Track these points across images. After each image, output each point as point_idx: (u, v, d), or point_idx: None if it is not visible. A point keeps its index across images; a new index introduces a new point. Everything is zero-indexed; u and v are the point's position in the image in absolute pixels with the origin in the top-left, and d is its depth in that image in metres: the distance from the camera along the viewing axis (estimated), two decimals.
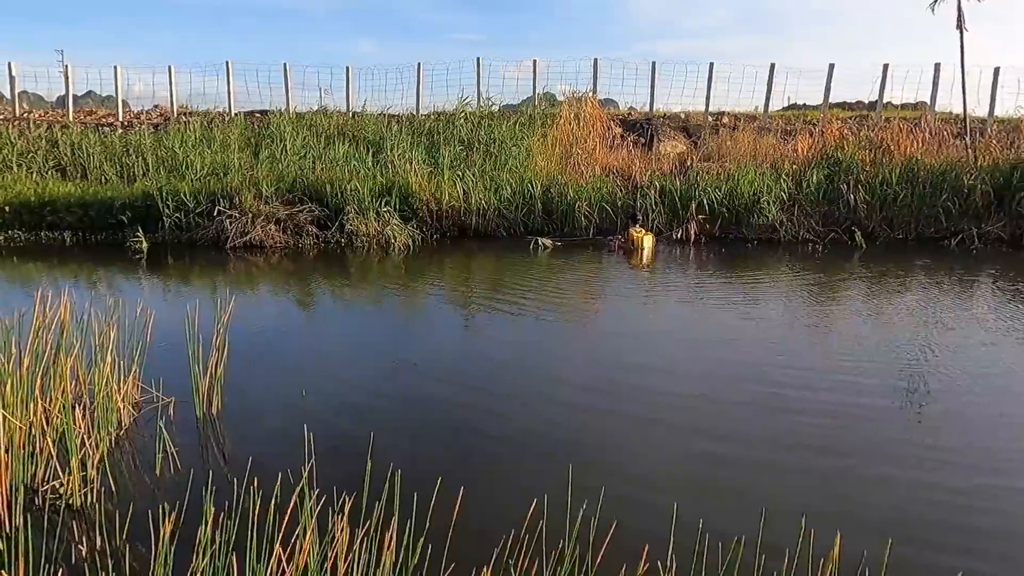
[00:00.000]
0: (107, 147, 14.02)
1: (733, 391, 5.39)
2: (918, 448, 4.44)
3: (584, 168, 13.42)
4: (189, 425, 4.69)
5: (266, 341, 6.67)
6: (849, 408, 5.02)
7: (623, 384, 5.58)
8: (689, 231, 11.64)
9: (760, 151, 13.71)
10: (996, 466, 4.20)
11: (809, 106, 19.56)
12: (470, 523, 2.99)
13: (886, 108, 17.12)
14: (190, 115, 17.55)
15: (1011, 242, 11.50)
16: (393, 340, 6.99)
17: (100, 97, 23.93)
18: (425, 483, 3.29)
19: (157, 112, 19.22)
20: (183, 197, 11.41)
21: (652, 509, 3.60)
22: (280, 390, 5.42)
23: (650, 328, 7.30)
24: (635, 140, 16.13)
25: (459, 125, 14.92)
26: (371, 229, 11.27)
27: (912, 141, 12.96)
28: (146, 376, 4.96)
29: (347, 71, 18.05)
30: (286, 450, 4.22)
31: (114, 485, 3.86)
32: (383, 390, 5.50)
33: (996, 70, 16.25)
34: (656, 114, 17.93)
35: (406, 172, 12.33)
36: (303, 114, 16.86)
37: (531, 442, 4.56)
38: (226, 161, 12.98)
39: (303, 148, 13.92)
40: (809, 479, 4.06)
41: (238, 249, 11.00)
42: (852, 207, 11.88)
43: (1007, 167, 12.12)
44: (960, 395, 5.30)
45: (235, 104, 18.17)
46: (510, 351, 6.51)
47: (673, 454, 4.38)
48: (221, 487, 3.81)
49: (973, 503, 3.78)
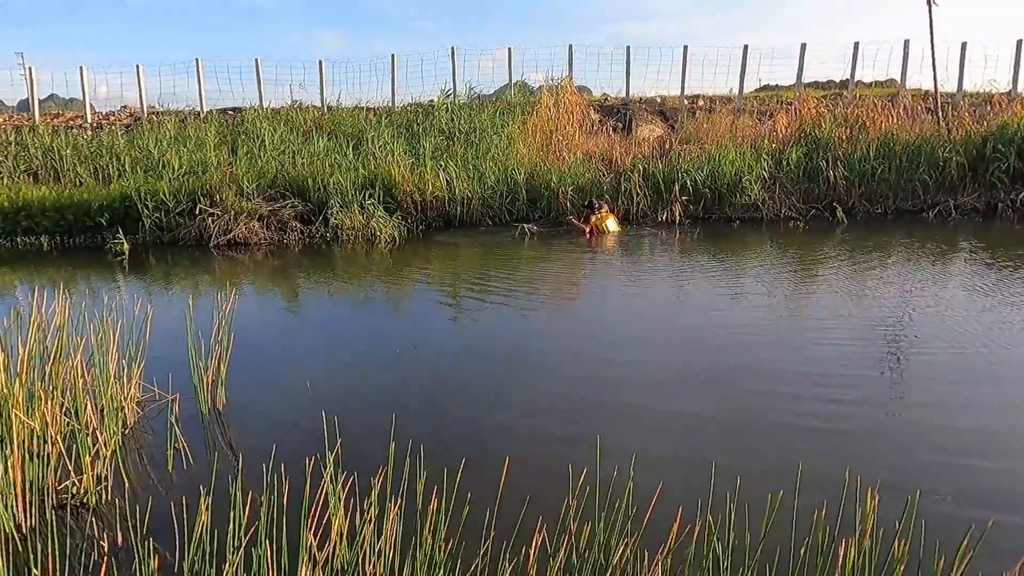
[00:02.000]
0: (79, 149, 13.71)
1: (735, 362, 5.47)
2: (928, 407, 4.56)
3: (565, 154, 13.45)
4: (195, 421, 4.65)
5: (262, 336, 6.62)
6: (854, 375, 5.13)
7: (631, 359, 5.62)
8: (674, 213, 11.74)
9: (738, 132, 13.85)
10: (989, 416, 4.33)
11: (782, 86, 19.78)
12: (509, 496, 3.00)
13: (858, 86, 17.38)
14: (161, 115, 17.22)
15: (985, 212, 11.79)
16: (387, 330, 6.96)
17: (64, 100, 23.35)
18: (449, 462, 3.31)
19: (126, 113, 18.82)
20: (162, 197, 11.22)
21: (687, 471, 3.66)
22: (283, 383, 5.39)
23: (645, 307, 7.36)
24: (613, 125, 16.17)
25: (439, 115, 14.85)
26: (356, 222, 11.19)
27: (887, 117, 13.19)
28: (147, 375, 4.89)
29: (320, 65, 17.84)
30: (298, 440, 4.21)
31: (128, 483, 3.82)
32: (387, 376, 5.49)
33: (963, 45, 16.57)
34: (632, 99, 18.00)
35: (388, 164, 12.25)
36: (278, 110, 16.64)
37: (547, 418, 4.59)
38: (204, 159, 12.77)
39: (281, 144, 13.74)
40: (813, 443, 4.14)
41: (222, 247, 10.86)
42: (831, 183, 12.07)
43: (979, 139, 12.40)
44: (946, 352, 5.44)
45: (207, 102, 17.87)
46: (508, 335, 6.53)
47: (697, 422, 4.44)
48: (242, 477, 3.79)
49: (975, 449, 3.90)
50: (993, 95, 14.90)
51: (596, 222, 11.01)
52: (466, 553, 2.78)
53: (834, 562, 2.31)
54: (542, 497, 3.12)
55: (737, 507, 2.53)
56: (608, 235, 10.96)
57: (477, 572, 2.74)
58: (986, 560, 2.66)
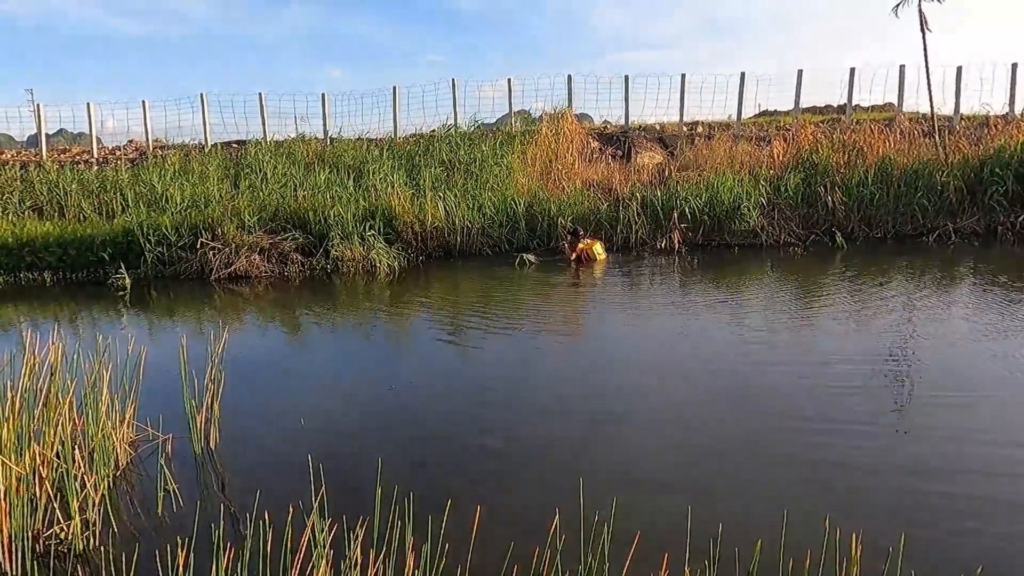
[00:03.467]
0: (84, 184, 13.90)
1: (734, 393, 5.43)
2: (922, 441, 4.51)
3: (565, 183, 13.54)
4: (188, 461, 4.62)
5: (259, 372, 6.62)
6: (847, 403, 5.08)
7: (621, 394, 5.59)
8: (673, 240, 11.76)
9: (736, 158, 13.93)
10: (991, 447, 4.28)
11: (780, 112, 19.93)
12: (489, 540, 2.98)
13: (855, 111, 17.49)
14: (166, 149, 17.46)
15: (985, 236, 11.77)
16: (386, 364, 6.96)
17: (72, 135, 23.75)
18: (436, 505, 3.28)
19: (132, 147, 19.08)
20: (164, 231, 11.32)
21: (667, 514, 3.61)
22: (278, 420, 5.37)
23: (643, 338, 7.34)
24: (612, 153, 16.31)
25: (439, 146, 15.00)
26: (356, 254, 11.24)
27: (884, 141, 13.26)
28: (141, 414, 4.89)
29: (323, 98, 18.10)
30: (290, 481, 4.18)
31: (117, 527, 3.80)
32: (382, 414, 5.47)
33: (959, 69, 16.68)
34: (632, 126, 18.14)
35: (388, 195, 12.34)
36: (281, 142, 16.84)
37: (537, 456, 4.56)
38: (206, 193, 12.92)
39: (283, 176, 13.89)
40: (815, 477, 4.09)
41: (223, 281, 10.91)
42: (830, 209, 12.09)
43: (976, 163, 12.43)
44: (948, 381, 5.39)
45: (211, 136, 18.10)
46: (504, 368, 6.51)
47: (679, 459, 4.40)
48: (227, 522, 3.77)
49: (969, 494, 3.83)
50: (989, 118, 14.95)
51: (585, 248, 11.05)
52: None
53: None
54: (522, 542, 3.07)
55: (721, 556, 2.50)
56: (597, 261, 11.01)
57: None
58: None
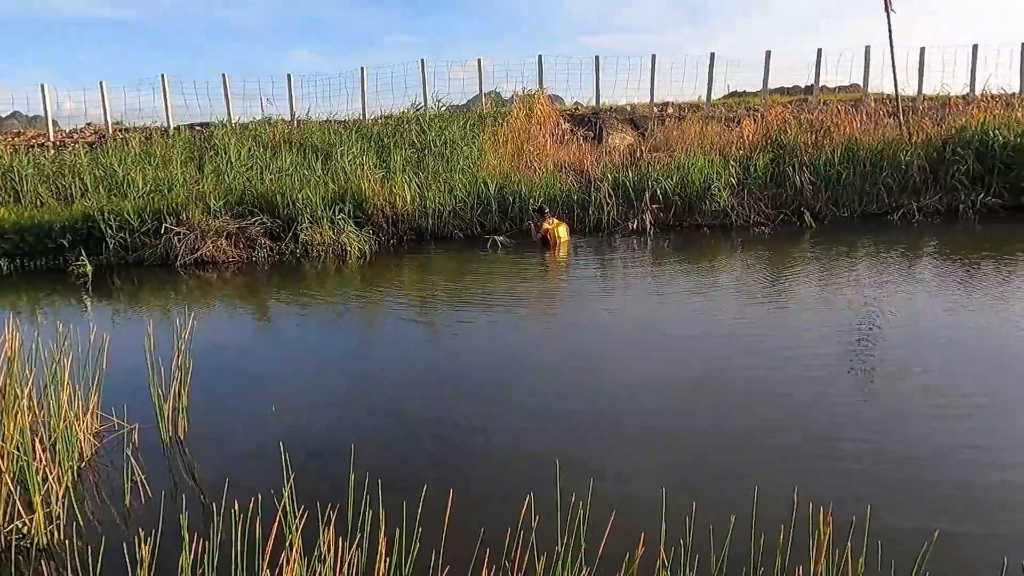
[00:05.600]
0: (40, 169, 13.43)
1: (704, 373, 5.49)
2: (884, 413, 4.60)
3: (537, 165, 13.48)
4: (156, 451, 4.53)
5: (228, 359, 6.50)
6: (815, 378, 5.17)
7: (595, 377, 5.62)
8: (644, 221, 11.80)
9: (707, 139, 13.99)
10: (954, 421, 4.39)
11: (749, 93, 20.07)
12: (462, 525, 2.97)
13: (822, 91, 17.68)
14: (126, 131, 16.95)
15: (947, 214, 12.03)
16: (358, 349, 6.89)
17: (27, 117, 22.90)
18: (410, 490, 3.26)
19: (90, 130, 18.48)
20: (126, 216, 11.00)
21: (642, 496, 3.64)
22: (248, 408, 5.28)
23: (616, 321, 7.36)
24: (584, 134, 16.27)
25: (409, 128, 14.80)
26: (326, 238, 11.08)
27: (850, 122, 13.42)
28: (105, 404, 4.77)
29: (288, 79, 17.69)
30: (261, 469, 4.12)
31: (82, 519, 3.71)
32: (354, 400, 5.41)
33: (922, 50, 16.96)
34: (603, 108, 18.11)
35: (358, 178, 12.16)
36: (246, 125, 16.45)
37: (512, 440, 4.55)
38: (169, 177, 12.58)
39: (249, 159, 13.58)
40: (787, 454, 4.15)
41: (189, 267, 10.68)
42: (798, 189, 12.23)
43: (939, 142, 12.66)
44: (913, 354, 5.51)
45: (174, 118, 17.61)
46: (477, 353, 6.49)
47: (652, 441, 4.43)
48: (196, 512, 3.71)
49: (934, 461, 3.93)
50: (951, 98, 15.23)
51: (551, 229, 11.04)
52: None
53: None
54: (497, 527, 3.07)
55: (695, 533, 2.52)
56: (560, 243, 11.02)
57: None
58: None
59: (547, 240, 11.01)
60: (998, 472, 3.82)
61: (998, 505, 3.50)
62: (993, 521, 3.36)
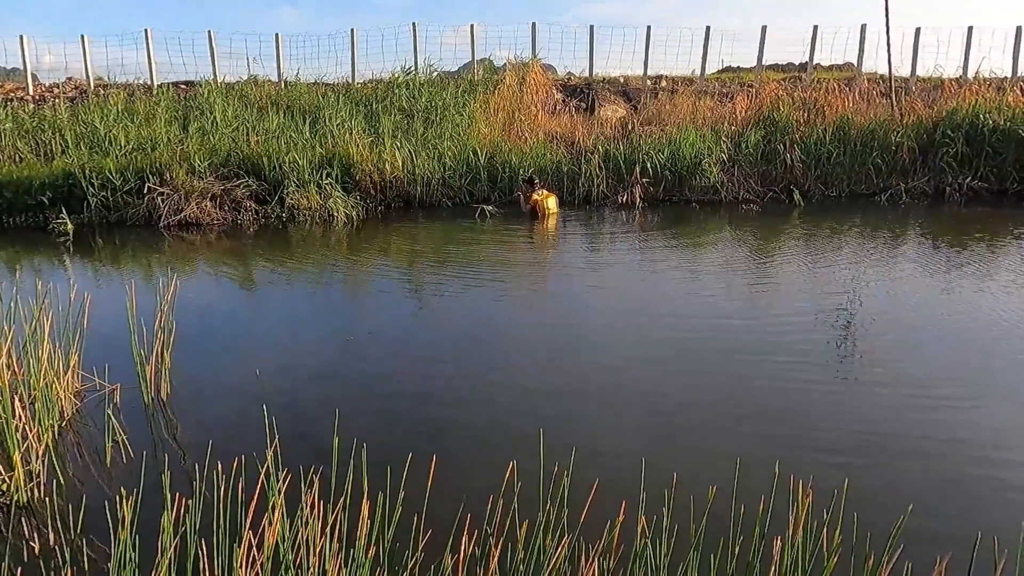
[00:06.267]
0: (19, 123, 13.09)
1: (689, 347, 5.52)
2: (866, 387, 4.67)
3: (528, 134, 13.35)
4: (137, 412, 4.50)
5: (212, 322, 6.45)
6: (799, 354, 5.22)
7: (579, 348, 5.63)
8: (634, 195, 11.77)
9: (699, 114, 13.91)
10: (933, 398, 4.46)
11: (743, 68, 19.90)
12: (445, 491, 2.99)
13: (816, 69, 17.57)
14: (108, 88, 16.53)
15: (934, 196, 12.10)
16: (343, 315, 6.85)
17: (5, 70, 22.25)
18: (394, 456, 3.26)
19: (71, 85, 18.02)
20: (108, 175, 10.79)
21: (625, 464, 3.67)
22: (231, 371, 5.26)
23: (602, 293, 7.37)
24: (576, 105, 16.10)
25: (399, 93, 14.57)
26: (313, 202, 10.95)
27: (843, 101, 13.38)
28: (87, 364, 4.72)
29: (276, 38, 17.28)
30: (244, 432, 4.11)
31: (63, 478, 3.69)
32: (339, 366, 5.40)
33: (917, 31, 16.87)
34: (596, 79, 17.91)
35: (346, 142, 11.99)
36: (232, 84, 16.11)
37: (495, 409, 4.57)
38: (153, 135, 12.31)
39: (235, 120, 13.32)
40: (769, 427, 4.20)
41: (172, 228, 10.53)
42: (788, 166, 12.23)
43: (930, 124, 12.68)
44: (895, 332, 5.58)
45: (158, 75, 17.19)
46: (463, 321, 6.48)
47: (639, 411, 4.47)
48: (179, 473, 3.70)
49: (912, 437, 4.00)
50: (944, 80, 15.21)
51: (540, 200, 10.98)
52: (410, 550, 2.76)
53: (768, 556, 2.34)
54: (480, 492, 3.09)
55: (675, 503, 2.55)
56: (549, 215, 10.96)
57: (416, 571, 2.72)
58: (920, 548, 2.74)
59: (536, 211, 10.96)
60: (976, 450, 3.89)
61: (975, 483, 3.57)
62: (969, 498, 3.43)
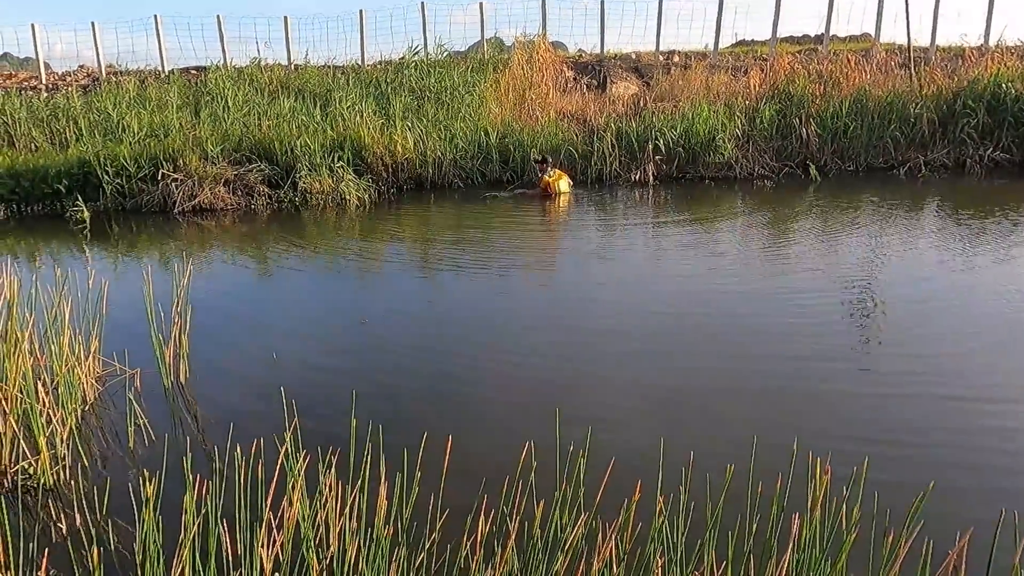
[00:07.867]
0: (33, 112, 13.18)
1: (705, 325, 5.50)
2: (886, 365, 4.63)
3: (539, 113, 13.24)
4: (157, 396, 4.56)
5: (228, 306, 6.51)
6: (817, 332, 5.18)
7: (594, 328, 5.62)
8: (647, 173, 11.66)
9: (713, 89, 13.70)
10: (954, 376, 4.42)
11: (757, 41, 19.56)
12: (462, 472, 3.01)
13: (833, 41, 17.23)
14: (120, 75, 16.59)
15: (954, 168, 11.87)
16: (358, 298, 6.88)
17: (17, 59, 22.37)
18: (410, 436, 3.29)
19: (83, 73, 18.09)
20: (123, 162, 10.85)
21: (641, 444, 3.68)
22: (248, 354, 5.31)
23: (616, 272, 7.34)
24: (588, 83, 15.94)
25: (408, 73, 14.48)
26: (325, 186, 10.95)
27: (860, 73, 13.12)
28: (107, 349, 4.79)
29: (285, 21, 17.24)
30: (263, 414, 4.16)
31: (87, 460, 3.76)
32: (355, 347, 5.44)
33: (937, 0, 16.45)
34: (607, 55, 17.68)
35: (357, 125, 11.96)
36: (242, 69, 16.09)
37: (511, 389, 4.59)
38: (165, 122, 12.35)
39: (246, 105, 13.32)
40: (787, 406, 4.19)
41: (187, 214, 10.59)
42: (804, 141, 12.04)
43: (950, 95, 12.40)
44: (915, 310, 5.52)
45: (168, 61, 17.23)
46: (477, 302, 6.49)
47: (652, 390, 4.46)
48: (200, 455, 3.75)
49: (933, 415, 3.97)
50: (965, 49, 14.85)
51: (551, 181, 10.91)
52: (427, 530, 2.79)
53: (786, 534, 2.33)
54: (496, 473, 3.11)
55: (692, 482, 2.55)
56: (561, 195, 10.89)
57: (433, 551, 2.75)
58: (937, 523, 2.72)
59: (548, 192, 10.89)
60: (998, 427, 3.85)
61: (998, 459, 3.54)
62: (992, 474, 3.41)
